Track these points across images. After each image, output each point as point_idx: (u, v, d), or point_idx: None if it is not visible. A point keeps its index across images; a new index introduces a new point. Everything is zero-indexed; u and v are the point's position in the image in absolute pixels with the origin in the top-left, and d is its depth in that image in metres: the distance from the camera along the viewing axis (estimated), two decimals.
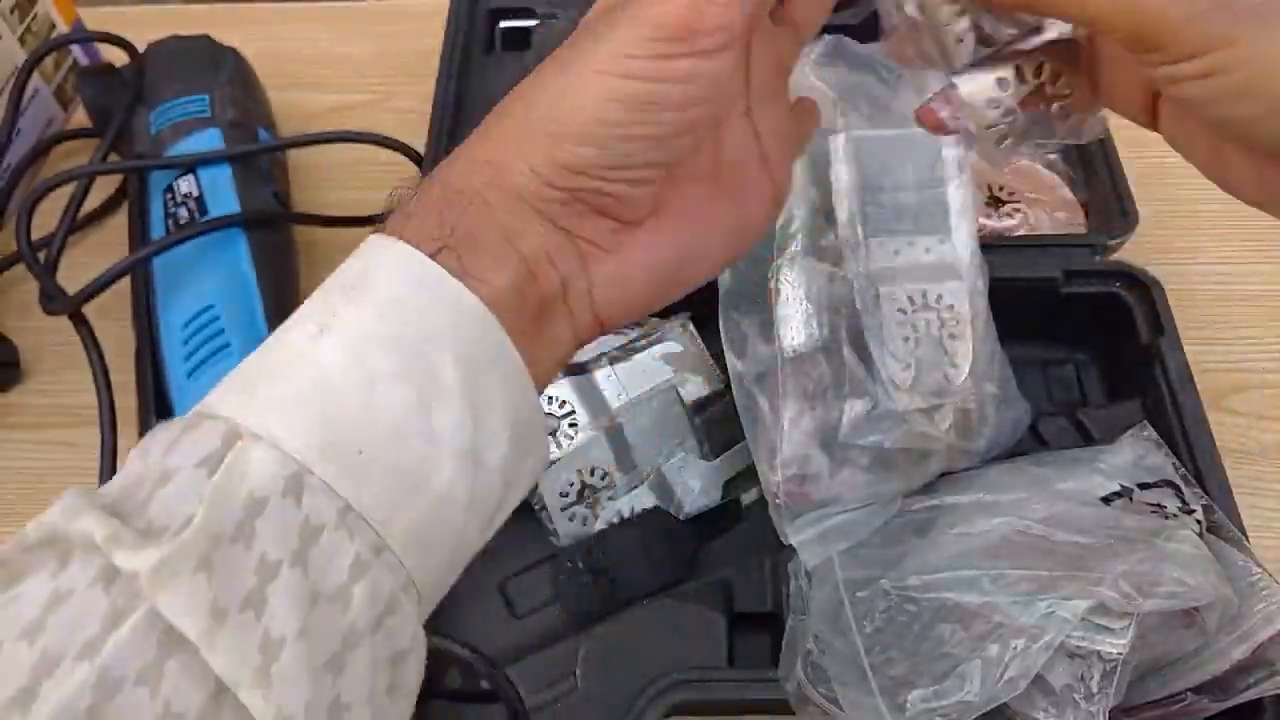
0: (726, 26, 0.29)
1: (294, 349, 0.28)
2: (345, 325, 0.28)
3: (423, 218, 0.30)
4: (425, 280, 0.29)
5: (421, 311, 0.28)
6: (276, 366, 0.28)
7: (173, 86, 0.65)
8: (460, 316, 0.29)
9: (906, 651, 0.41)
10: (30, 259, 0.56)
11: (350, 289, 0.29)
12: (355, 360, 0.27)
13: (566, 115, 0.29)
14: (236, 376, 0.28)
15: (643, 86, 0.29)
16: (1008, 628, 0.39)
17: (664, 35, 0.28)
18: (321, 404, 0.27)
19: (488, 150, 0.30)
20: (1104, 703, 0.39)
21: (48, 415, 0.61)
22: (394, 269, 0.29)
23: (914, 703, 0.39)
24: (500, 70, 0.71)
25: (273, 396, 0.27)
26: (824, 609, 0.44)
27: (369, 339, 0.28)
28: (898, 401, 0.45)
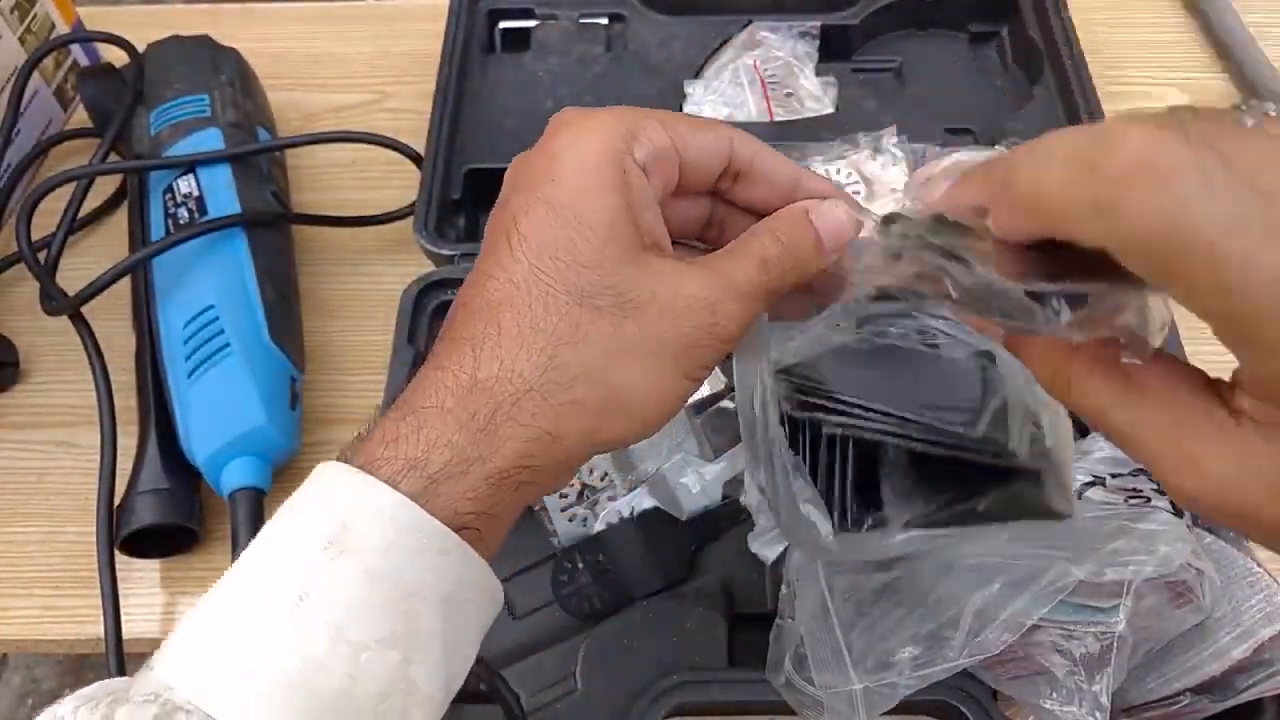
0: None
1: (271, 620, 0.27)
2: (329, 590, 0.27)
3: (412, 443, 0.29)
4: (411, 529, 0.28)
5: (403, 562, 0.28)
6: (251, 640, 0.27)
7: (173, 87, 0.65)
8: (441, 560, 0.29)
9: (884, 635, 0.41)
10: (30, 259, 0.56)
11: (330, 544, 0.28)
12: (339, 633, 0.27)
13: (641, 409, 0.31)
14: (208, 642, 0.28)
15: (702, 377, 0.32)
16: (993, 593, 0.39)
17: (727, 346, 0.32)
18: (307, 692, 0.26)
19: (544, 421, 0.30)
20: (1105, 681, 0.39)
21: (48, 415, 0.61)
22: (378, 521, 0.28)
23: (899, 664, 0.39)
24: (500, 70, 0.71)
25: (253, 687, 0.26)
26: (809, 608, 0.44)
27: (353, 606, 0.27)
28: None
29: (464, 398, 0.29)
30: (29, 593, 0.55)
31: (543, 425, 0.30)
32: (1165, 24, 0.78)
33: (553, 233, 0.30)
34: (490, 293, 0.30)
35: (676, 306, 0.30)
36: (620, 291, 0.30)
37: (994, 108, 0.69)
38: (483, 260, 0.32)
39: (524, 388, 0.29)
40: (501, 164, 0.65)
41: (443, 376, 0.30)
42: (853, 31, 0.72)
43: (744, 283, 0.32)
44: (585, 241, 0.30)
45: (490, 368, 0.29)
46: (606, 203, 0.30)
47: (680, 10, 0.73)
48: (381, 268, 0.67)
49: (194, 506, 0.54)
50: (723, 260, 0.32)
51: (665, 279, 0.31)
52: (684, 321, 0.31)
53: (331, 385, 0.62)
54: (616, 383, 0.30)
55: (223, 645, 0.27)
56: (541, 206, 0.31)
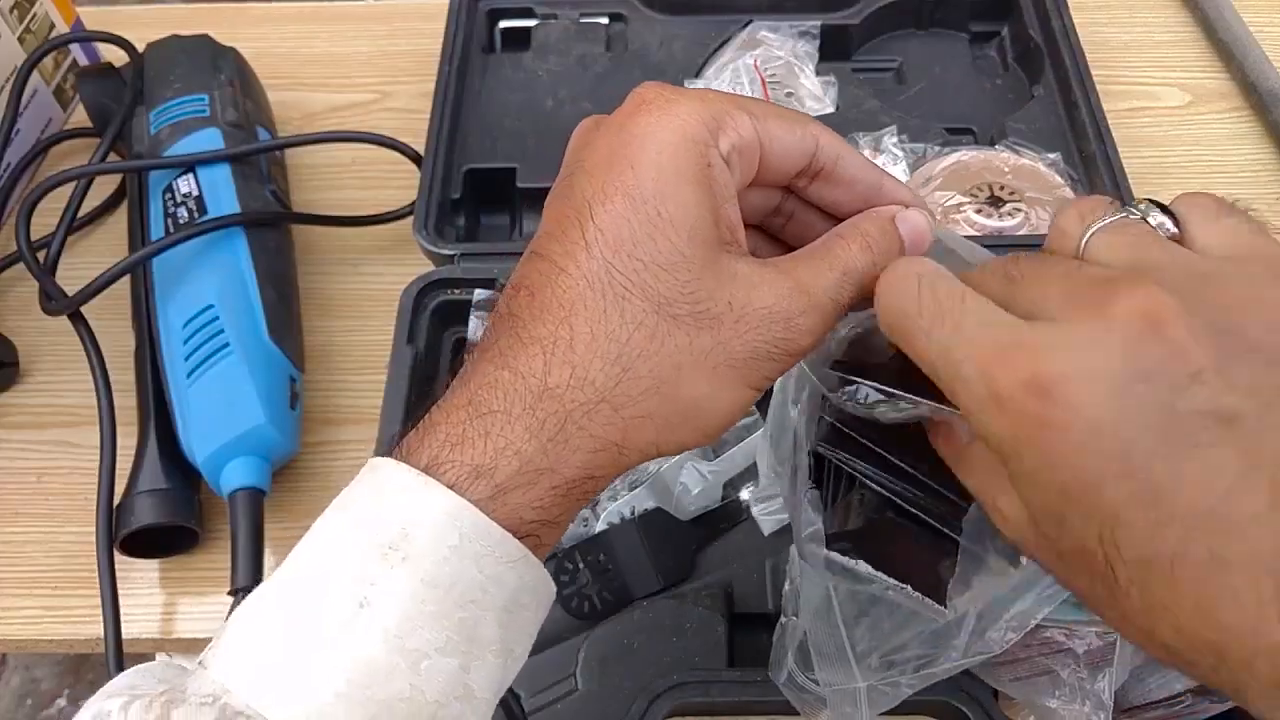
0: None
1: (333, 626, 0.27)
2: (388, 599, 0.27)
3: (479, 448, 0.28)
4: (475, 537, 0.28)
5: (466, 569, 0.27)
6: (311, 646, 0.27)
7: (172, 86, 0.65)
8: (502, 568, 0.28)
9: (888, 634, 0.41)
10: (30, 259, 0.56)
11: (390, 550, 0.27)
12: (399, 641, 0.27)
13: (706, 421, 0.30)
14: (259, 644, 0.27)
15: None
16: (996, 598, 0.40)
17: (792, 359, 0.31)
18: (367, 699, 0.26)
19: (613, 433, 0.29)
20: (1108, 680, 0.39)
21: (47, 415, 0.61)
22: (441, 528, 0.27)
23: (903, 662, 0.39)
24: (500, 70, 0.71)
25: (314, 693, 0.26)
26: (813, 606, 0.44)
27: (414, 617, 0.27)
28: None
29: (533, 404, 0.28)
30: (28, 592, 0.55)
31: (612, 438, 0.29)
32: (1165, 24, 0.78)
33: (631, 229, 0.29)
34: (562, 289, 0.29)
35: (751, 319, 0.30)
36: (698, 299, 0.29)
37: (994, 108, 0.69)
38: (549, 243, 0.30)
39: (596, 398, 0.28)
40: (501, 164, 0.66)
41: (512, 380, 0.29)
42: (853, 31, 0.72)
43: (822, 295, 0.31)
44: (666, 241, 0.29)
45: (562, 374, 0.28)
46: (689, 198, 0.29)
47: (680, 10, 0.73)
48: (381, 268, 0.67)
49: (193, 506, 0.54)
50: (803, 267, 0.31)
51: (741, 287, 0.30)
52: (757, 335, 0.30)
53: (331, 385, 0.62)
54: (686, 396, 0.29)
55: (281, 649, 0.27)
56: (620, 198, 0.29)
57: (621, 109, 0.31)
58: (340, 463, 0.59)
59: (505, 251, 0.59)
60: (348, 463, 0.59)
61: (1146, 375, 0.25)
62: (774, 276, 0.30)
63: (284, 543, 0.55)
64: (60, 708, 1.34)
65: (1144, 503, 0.25)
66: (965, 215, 0.62)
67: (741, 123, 0.30)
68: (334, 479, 0.58)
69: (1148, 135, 0.71)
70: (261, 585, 0.29)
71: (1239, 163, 0.70)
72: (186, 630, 0.54)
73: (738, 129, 0.30)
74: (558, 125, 0.68)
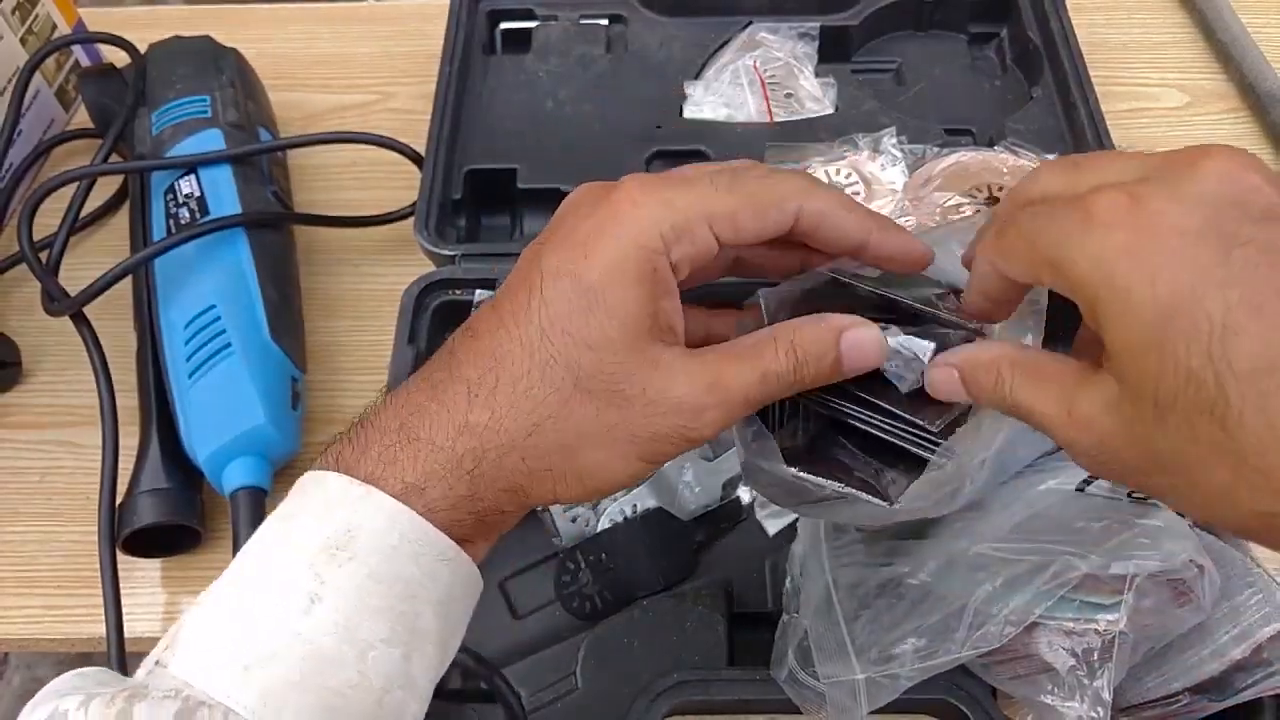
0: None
1: (286, 619, 0.29)
2: (336, 594, 0.29)
3: (410, 470, 0.31)
4: (413, 538, 0.31)
5: (405, 566, 0.30)
6: (266, 639, 0.29)
7: (174, 87, 0.65)
8: (438, 565, 0.31)
9: (887, 628, 0.41)
10: (32, 259, 0.56)
11: (337, 550, 0.30)
12: (348, 633, 0.29)
13: (598, 483, 0.33)
14: (216, 639, 0.29)
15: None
16: (996, 587, 0.40)
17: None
18: (319, 686, 0.29)
19: (520, 478, 0.32)
20: (1107, 677, 0.39)
21: (49, 415, 0.62)
22: (382, 529, 0.30)
23: (902, 655, 0.39)
24: (500, 71, 0.71)
25: (271, 681, 0.28)
26: (814, 603, 0.45)
27: (361, 609, 0.29)
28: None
29: (455, 437, 0.31)
30: (30, 592, 0.55)
31: (519, 481, 0.32)
32: (1165, 24, 0.78)
33: (570, 306, 0.32)
34: (499, 342, 0.32)
35: (660, 406, 0.32)
36: (615, 380, 0.32)
37: (993, 108, 0.70)
38: (505, 297, 0.33)
39: (508, 444, 0.31)
40: (502, 164, 0.66)
41: (436, 409, 0.32)
42: (852, 32, 0.72)
43: (736, 393, 0.33)
44: (599, 324, 0.31)
45: (481, 415, 0.31)
46: (629, 294, 0.32)
47: (680, 11, 0.73)
48: (382, 268, 0.67)
49: (195, 506, 0.54)
50: (728, 365, 0.33)
51: (660, 376, 0.32)
52: (662, 420, 0.32)
53: (332, 385, 0.62)
54: (585, 461, 0.32)
55: (239, 643, 0.29)
56: (569, 279, 0.32)
57: (603, 193, 0.33)
58: None
59: (506, 252, 0.59)
60: None
61: (1238, 201, 0.26)
62: (696, 370, 0.33)
63: None
64: None
65: (1253, 307, 0.25)
66: (964, 216, 0.63)
67: (699, 234, 0.33)
68: None
69: (1146, 136, 0.71)
70: (210, 589, 0.31)
71: None
72: None
73: (693, 241, 0.33)
74: (558, 126, 0.68)
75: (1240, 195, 0.26)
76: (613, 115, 0.68)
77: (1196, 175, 0.27)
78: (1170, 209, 0.26)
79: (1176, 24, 0.78)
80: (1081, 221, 0.28)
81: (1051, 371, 0.31)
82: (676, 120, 0.68)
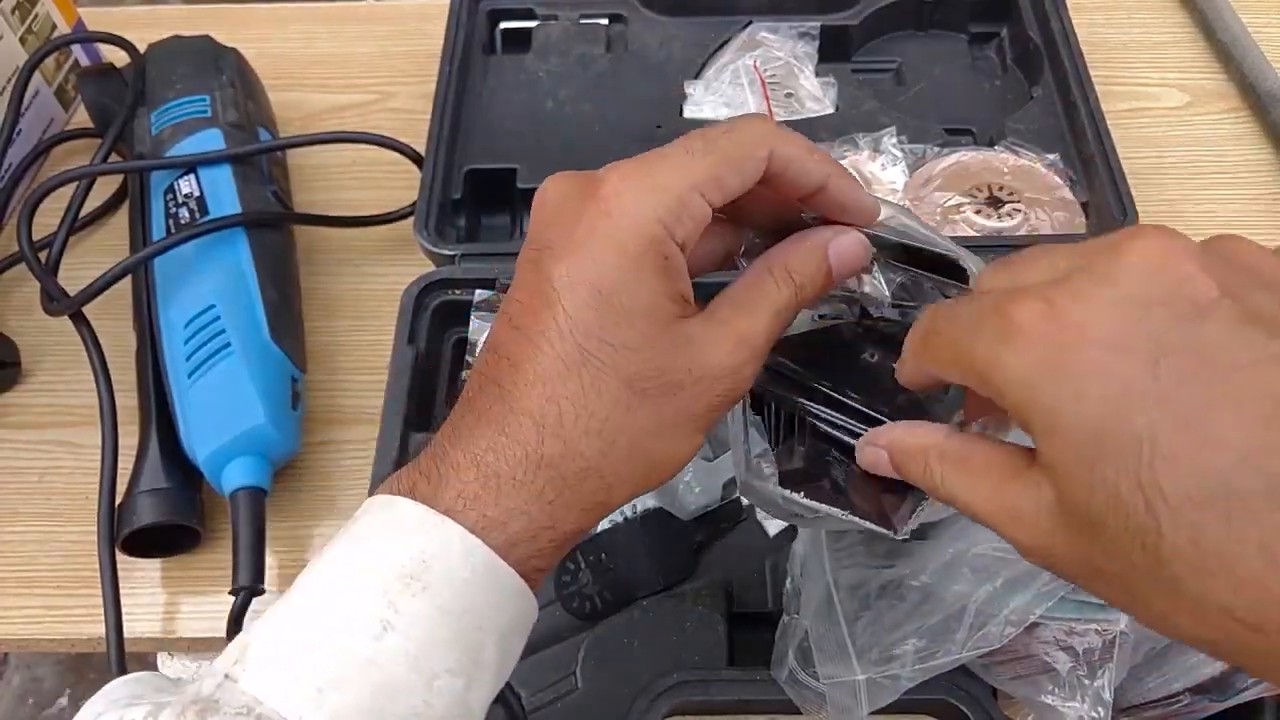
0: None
1: (357, 645, 0.29)
2: (409, 623, 0.30)
3: (491, 507, 0.31)
4: (487, 573, 0.31)
5: (476, 599, 0.31)
6: (339, 663, 0.29)
7: (174, 87, 0.65)
8: (504, 599, 0.31)
9: (888, 628, 0.41)
10: (31, 259, 0.56)
11: (411, 579, 0.30)
12: (417, 662, 0.29)
13: (672, 469, 0.35)
14: (289, 657, 0.29)
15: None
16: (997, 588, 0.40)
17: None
18: (386, 713, 0.29)
19: (601, 495, 0.33)
20: (1107, 676, 0.39)
21: (49, 415, 0.62)
22: (456, 562, 0.31)
23: (903, 656, 0.39)
24: (500, 70, 0.71)
25: (341, 707, 0.28)
26: (815, 604, 0.45)
27: (433, 641, 0.30)
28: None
29: (534, 472, 0.32)
30: (30, 592, 0.55)
31: (600, 498, 0.33)
32: (1165, 24, 0.78)
33: (599, 317, 0.32)
34: (543, 367, 0.32)
35: (706, 381, 0.33)
36: (662, 372, 0.32)
37: (994, 108, 0.70)
38: (523, 315, 0.33)
39: (586, 467, 0.32)
40: (502, 164, 0.66)
41: (507, 444, 0.32)
42: (853, 32, 0.72)
43: (760, 340, 0.34)
44: (631, 327, 0.32)
45: (555, 446, 0.32)
46: (648, 288, 0.32)
47: (680, 10, 0.73)
48: (382, 268, 0.67)
49: (195, 506, 0.54)
50: (742, 318, 0.34)
51: (696, 352, 0.33)
52: (712, 393, 0.33)
53: (333, 385, 0.62)
54: (656, 456, 0.33)
55: (312, 665, 0.29)
56: (586, 289, 0.32)
57: (588, 186, 0.33)
58: (342, 462, 0.59)
59: (506, 252, 0.59)
60: (349, 462, 0.59)
61: (1165, 299, 0.24)
62: (721, 334, 0.33)
63: (285, 542, 0.56)
64: (62, 707, 1.34)
65: (1184, 428, 0.23)
66: (964, 216, 0.63)
67: (694, 207, 0.33)
68: (335, 479, 0.58)
69: (1147, 136, 0.71)
70: (280, 604, 0.31)
71: (1237, 163, 0.70)
72: (188, 630, 0.54)
73: (691, 215, 0.33)
74: (558, 126, 0.68)
75: (1168, 291, 0.25)
76: (613, 115, 0.68)
77: (1120, 270, 0.25)
78: (1090, 318, 0.25)
79: (1177, 24, 0.78)
80: (1001, 334, 0.27)
81: (982, 463, 0.30)
82: (677, 120, 0.68)
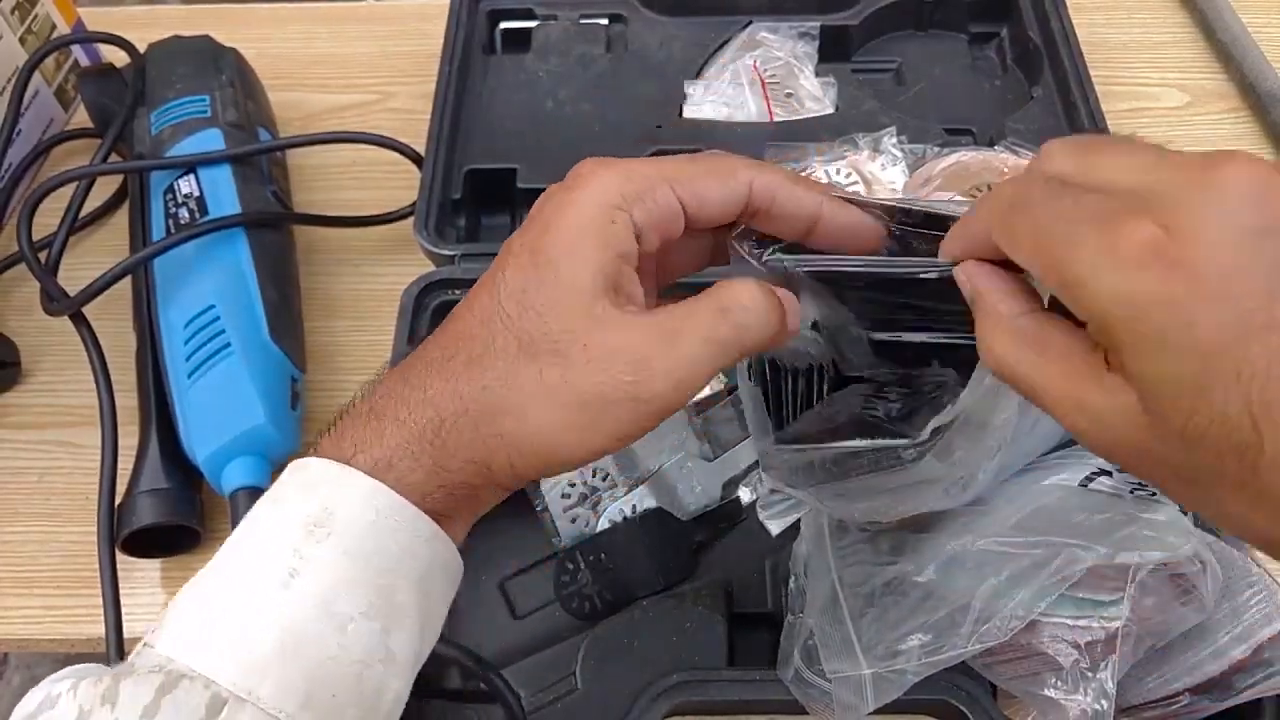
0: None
1: (264, 595, 0.30)
2: (314, 569, 0.30)
3: (378, 448, 0.32)
4: (389, 513, 0.31)
5: (383, 542, 0.31)
6: (246, 613, 0.30)
7: (174, 87, 0.65)
8: (416, 542, 0.32)
9: (893, 624, 0.41)
10: (31, 259, 0.56)
11: (315, 526, 0.31)
12: (326, 606, 0.30)
13: (552, 454, 0.32)
14: (199, 617, 0.30)
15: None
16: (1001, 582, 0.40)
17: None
18: (298, 657, 0.29)
19: (479, 450, 0.32)
20: (1110, 669, 0.39)
21: (49, 415, 0.62)
22: (359, 506, 0.31)
23: (908, 651, 0.39)
24: (500, 70, 0.71)
25: (250, 653, 0.29)
26: (819, 602, 0.45)
27: (339, 583, 0.30)
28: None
29: (417, 410, 0.32)
30: (30, 592, 0.55)
31: (477, 454, 0.32)
32: (1165, 24, 0.78)
33: (526, 279, 0.32)
34: (461, 323, 0.33)
35: (600, 359, 0.31)
36: (557, 340, 0.32)
37: (994, 108, 0.70)
38: (475, 288, 0.34)
39: (461, 408, 0.32)
40: (502, 164, 0.66)
41: (403, 390, 0.33)
42: (853, 32, 0.72)
43: (691, 335, 0.32)
44: (551, 290, 0.32)
45: (441, 386, 0.32)
46: (586, 254, 0.32)
47: (680, 10, 0.73)
48: (382, 268, 0.67)
49: (195, 506, 0.54)
50: (679, 309, 0.33)
51: (598, 329, 0.31)
52: (603, 373, 0.31)
53: (332, 385, 0.62)
54: (533, 426, 0.32)
55: (219, 619, 0.30)
56: (528, 254, 0.33)
57: (566, 180, 0.34)
58: None
59: None
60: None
61: (1272, 230, 0.25)
62: (644, 322, 0.32)
63: None
64: None
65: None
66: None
67: (661, 195, 0.33)
68: None
69: (1147, 136, 0.71)
70: (199, 573, 0.31)
71: None
72: None
73: (656, 201, 0.33)
74: (558, 126, 0.68)
75: (1277, 221, 0.25)
76: (613, 115, 0.68)
77: (1227, 196, 0.25)
78: (1207, 248, 0.25)
79: (1176, 24, 0.78)
80: (1107, 251, 0.26)
81: (1059, 351, 0.29)
82: (676, 120, 0.68)
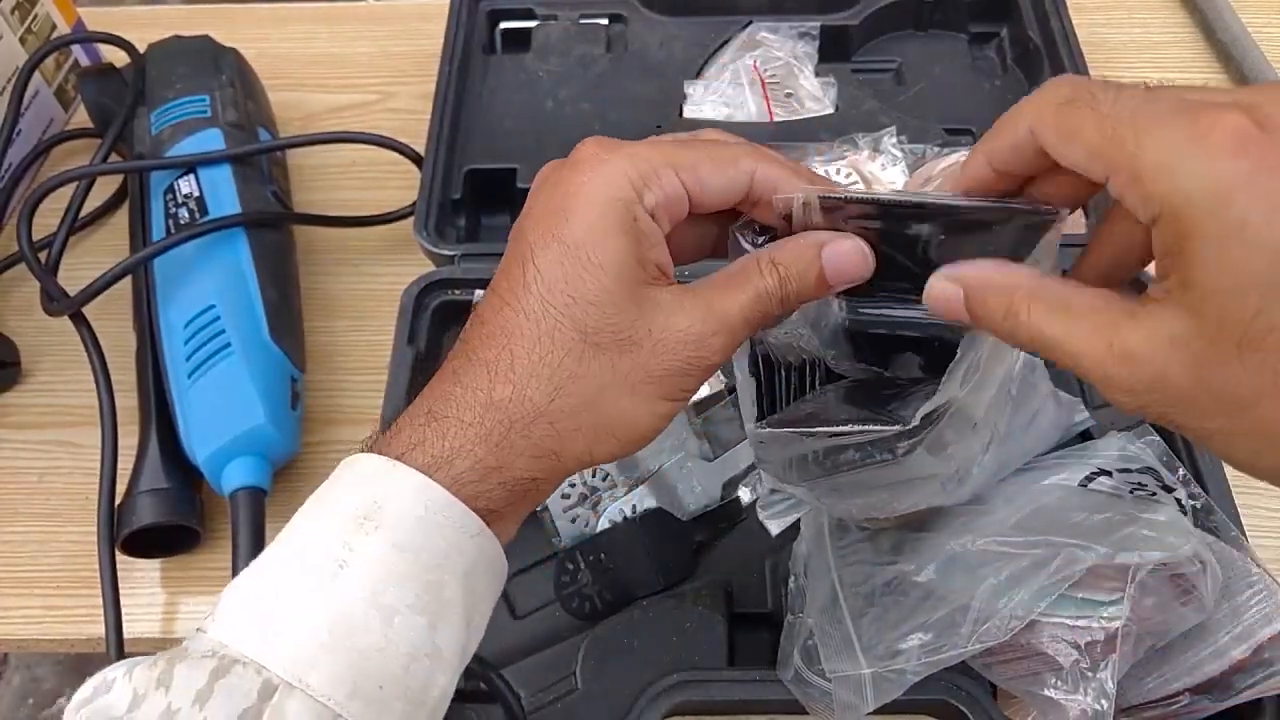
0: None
1: (314, 585, 0.30)
2: (364, 561, 0.31)
3: (437, 446, 0.32)
4: (438, 509, 0.32)
5: (431, 537, 0.31)
6: (297, 603, 0.30)
7: (174, 87, 0.65)
8: (463, 538, 0.32)
9: (893, 624, 0.41)
10: (31, 259, 0.56)
11: (365, 520, 0.31)
12: (374, 597, 0.30)
13: (629, 432, 0.34)
14: (252, 605, 0.31)
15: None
16: (1001, 582, 0.40)
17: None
18: (347, 647, 0.30)
19: (551, 443, 0.33)
20: (1110, 669, 0.39)
21: (49, 415, 0.62)
22: (409, 501, 0.31)
23: (908, 651, 0.39)
24: (500, 70, 0.71)
25: (300, 642, 0.29)
26: (819, 602, 0.45)
27: (387, 576, 0.31)
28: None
29: (482, 414, 0.32)
30: (30, 592, 0.55)
31: (550, 446, 0.33)
32: (1164, 23, 0.78)
33: (563, 270, 0.33)
34: (505, 320, 0.33)
35: (668, 343, 0.33)
36: (619, 329, 0.33)
37: (993, 108, 0.69)
38: (501, 279, 0.34)
39: (535, 413, 0.32)
40: (502, 164, 0.66)
41: (461, 393, 0.33)
42: (853, 32, 0.72)
43: (734, 317, 0.34)
44: (593, 280, 0.32)
45: (504, 390, 0.32)
46: (613, 245, 0.33)
47: (680, 10, 0.73)
48: (382, 268, 0.67)
49: (195, 506, 0.54)
50: (718, 293, 0.34)
51: (661, 314, 0.33)
52: (672, 355, 0.33)
53: (332, 385, 0.62)
54: (610, 412, 0.33)
55: (271, 607, 0.30)
56: (556, 244, 0.33)
57: (567, 160, 0.35)
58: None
59: None
60: None
61: None
62: (691, 303, 0.34)
63: None
64: (62, 707, 1.34)
65: None
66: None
67: (666, 180, 0.34)
68: None
69: None
70: (252, 564, 0.32)
71: None
72: (188, 630, 0.54)
73: (662, 186, 0.34)
74: (558, 126, 0.68)
75: None
76: (613, 115, 0.68)
77: None
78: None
79: (1176, 24, 0.78)
80: (1194, 137, 0.25)
81: (1086, 306, 0.29)
82: (676, 120, 0.68)
